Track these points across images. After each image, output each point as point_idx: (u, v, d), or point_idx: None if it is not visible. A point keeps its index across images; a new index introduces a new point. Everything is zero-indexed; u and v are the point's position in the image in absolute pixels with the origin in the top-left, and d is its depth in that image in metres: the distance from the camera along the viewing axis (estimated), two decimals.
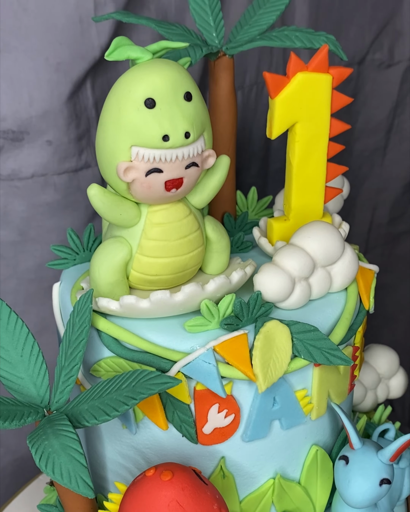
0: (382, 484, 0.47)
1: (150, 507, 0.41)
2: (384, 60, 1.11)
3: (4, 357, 0.46)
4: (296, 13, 0.93)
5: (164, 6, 0.76)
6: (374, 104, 1.14)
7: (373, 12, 1.04)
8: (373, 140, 1.19)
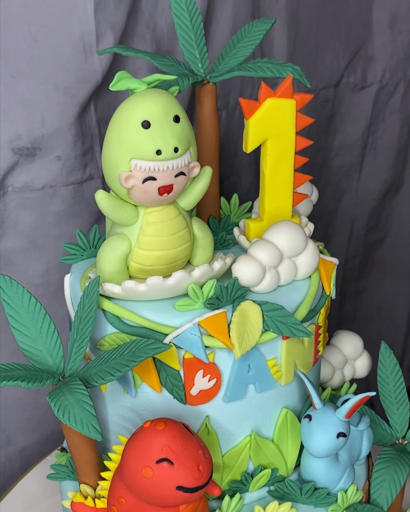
0: (339, 437, 0.56)
1: (147, 451, 0.50)
2: (358, 83, 1.18)
3: (26, 334, 0.56)
4: (275, 41, 1.01)
5: (158, 37, 0.86)
6: (350, 123, 1.22)
7: (347, 39, 1.12)
8: (350, 157, 1.26)
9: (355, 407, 0.56)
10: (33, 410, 0.98)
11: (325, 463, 0.58)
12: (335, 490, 0.60)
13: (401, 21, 1.16)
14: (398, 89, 1.20)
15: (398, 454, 0.66)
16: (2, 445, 0.98)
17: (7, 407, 0.96)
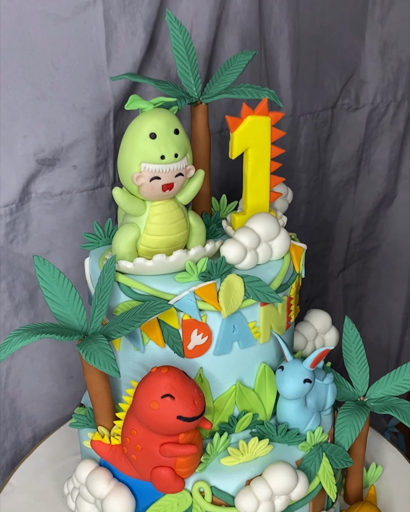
0: (305, 382, 0.70)
1: (154, 389, 0.64)
2: (352, 105, 1.31)
3: (57, 301, 0.69)
4: (279, 68, 1.15)
5: (168, 66, 0.99)
6: (345, 142, 1.36)
7: (342, 65, 1.26)
8: (347, 172, 1.38)
9: (317, 359, 0.71)
10: (55, 404, 1.08)
11: (296, 406, 0.72)
12: (304, 431, 0.74)
13: (391, 48, 1.31)
14: (389, 110, 1.34)
15: (358, 407, 0.80)
16: (29, 439, 1.07)
17: (33, 401, 1.06)
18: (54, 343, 1.03)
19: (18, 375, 1.02)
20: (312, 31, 1.18)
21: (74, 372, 1.06)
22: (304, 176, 1.29)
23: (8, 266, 0.96)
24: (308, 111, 1.23)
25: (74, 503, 0.77)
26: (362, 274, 1.54)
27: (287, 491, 0.68)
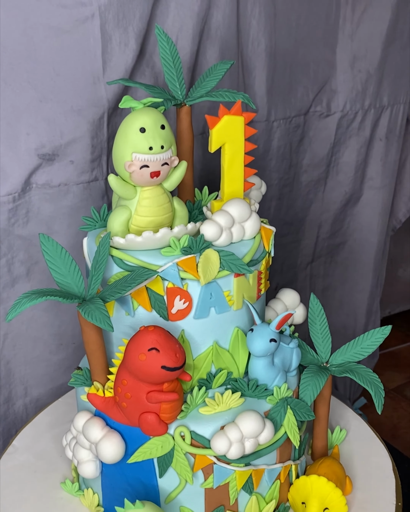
0: (271, 341, 0.82)
1: (142, 343, 0.75)
2: (323, 112, 1.42)
3: (59, 272, 0.80)
4: (256, 77, 1.26)
5: (156, 73, 1.10)
6: (316, 145, 1.47)
7: (315, 76, 1.37)
8: (317, 173, 1.49)
9: (281, 322, 0.82)
10: (46, 367, 1.21)
11: (264, 364, 0.84)
12: (271, 387, 0.85)
13: (360, 61, 1.42)
14: (357, 117, 1.46)
15: (320, 369, 0.92)
16: (20, 395, 1.21)
17: (26, 363, 1.19)
18: (48, 314, 1.16)
19: (14, 340, 1.13)
20: (287, 45, 1.30)
21: (63, 340, 1.19)
22: (275, 175, 1.41)
23: (8, 245, 1.07)
24: (281, 116, 1.35)
25: (71, 452, 0.88)
26: (329, 266, 1.65)
27: (255, 434, 0.79)
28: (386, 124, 1.50)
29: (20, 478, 0.97)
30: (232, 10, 1.16)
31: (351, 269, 1.67)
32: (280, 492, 0.90)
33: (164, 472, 0.81)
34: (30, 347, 1.17)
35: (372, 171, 1.54)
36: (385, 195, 1.59)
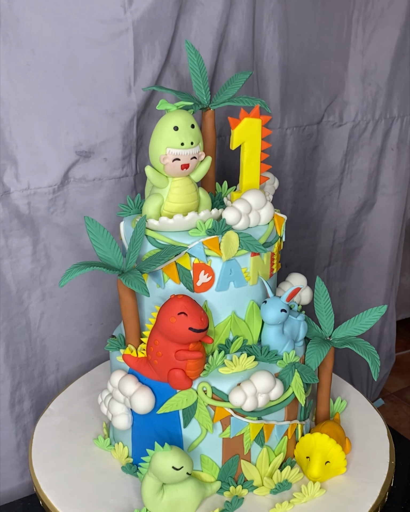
0: (281, 311, 0.95)
1: (172, 308, 0.88)
2: (336, 121, 1.52)
3: (101, 248, 0.93)
4: (270, 89, 1.37)
5: (179, 82, 1.23)
6: (330, 153, 1.56)
7: (327, 88, 1.47)
8: (332, 179, 1.58)
9: (291, 294, 0.95)
10: (76, 345, 1.33)
11: (275, 332, 0.97)
12: (281, 353, 0.98)
13: (370, 75, 1.52)
14: (368, 127, 1.56)
15: (323, 341, 1.05)
16: (52, 371, 1.33)
17: (59, 341, 1.31)
18: (79, 296, 1.29)
19: (49, 319, 1.26)
20: (300, 59, 1.42)
21: (93, 321, 1.31)
22: (290, 180, 1.53)
23: (46, 232, 1.21)
24: (294, 124, 1.47)
25: (106, 407, 1.01)
26: (346, 270, 1.74)
27: (267, 390, 0.92)
28: (397, 134, 1.59)
29: (57, 435, 1.10)
30: (248, 27, 1.29)
31: (366, 273, 1.75)
32: (287, 447, 1.02)
33: (188, 423, 0.94)
34: (63, 326, 1.30)
35: (385, 179, 1.63)
36: (398, 201, 1.67)
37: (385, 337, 1.87)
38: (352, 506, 0.97)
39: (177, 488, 0.92)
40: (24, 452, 1.28)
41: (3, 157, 1.13)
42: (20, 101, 1.11)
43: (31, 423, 1.28)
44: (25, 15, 1.07)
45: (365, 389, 1.87)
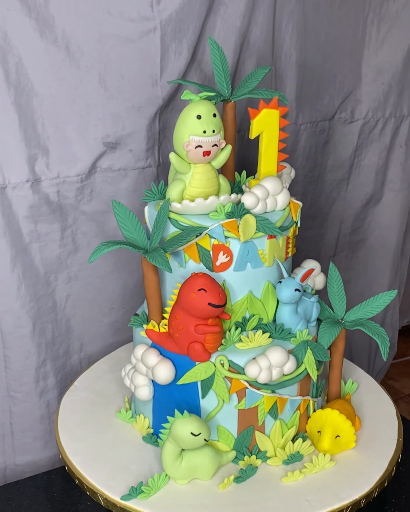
0: (295, 291, 1.01)
1: (192, 285, 0.94)
2: (347, 118, 1.58)
3: (127, 229, 1.00)
4: (287, 85, 1.43)
5: (202, 78, 1.31)
6: (340, 148, 1.61)
7: (340, 86, 1.53)
8: (340, 173, 1.64)
9: (304, 275, 1.01)
10: (99, 327, 1.40)
11: (289, 310, 1.02)
12: (294, 331, 1.04)
13: (383, 75, 1.57)
14: (378, 124, 1.61)
15: (335, 322, 1.10)
16: (76, 350, 1.40)
17: (83, 323, 1.38)
18: (103, 281, 1.36)
19: (74, 301, 1.33)
20: (316, 58, 1.48)
21: (115, 305, 1.38)
22: (301, 173, 1.58)
23: (74, 218, 1.28)
24: (308, 120, 1.54)
25: (129, 380, 1.07)
26: (350, 261, 1.79)
27: (281, 364, 0.98)
28: (406, 132, 1.65)
29: (81, 408, 1.16)
30: (268, 27, 1.36)
31: (370, 265, 1.80)
32: (300, 422, 1.08)
33: (206, 394, 1.00)
34: (87, 308, 1.37)
35: (392, 175, 1.68)
36: (404, 197, 1.72)
37: (387, 327, 1.92)
38: (361, 477, 1.02)
39: (195, 454, 0.98)
40: (46, 426, 1.35)
41: (35, 147, 1.20)
42: (53, 94, 1.18)
43: (55, 398, 1.34)
44: (61, 14, 1.14)
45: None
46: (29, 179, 1.21)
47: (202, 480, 1.00)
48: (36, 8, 1.11)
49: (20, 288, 1.25)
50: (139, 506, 0.95)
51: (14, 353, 1.28)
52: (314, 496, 0.98)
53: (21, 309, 1.26)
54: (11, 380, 1.30)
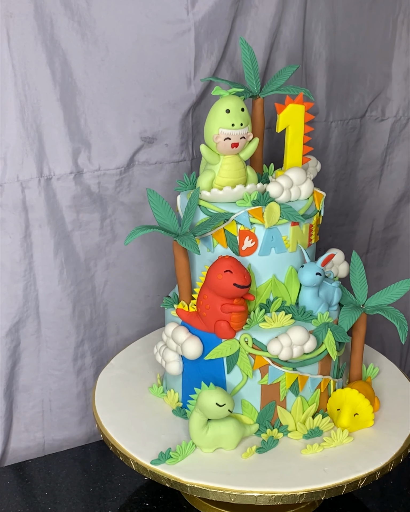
0: (317, 275, 1.07)
1: (219, 267, 1.01)
2: (378, 116, 1.62)
3: (160, 216, 1.07)
4: (318, 84, 1.50)
5: (233, 76, 1.38)
6: (372, 145, 1.66)
7: (371, 85, 1.58)
8: (372, 170, 1.67)
9: (326, 260, 1.08)
10: (135, 313, 1.49)
11: (311, 293, 1.09)
12: (315, 313, 1.10)
13: None
14: (409, 123, 1.64)
15: (355, 306, 1.16)
16: (113, 333, 1.48)
17: (119, 308, 1.46)
18: (139, 269, 1.44)
19: (112, 287, 1.42)
20: (346, 58, 1.54)
21: (150, 292, 1.46)
22: (332, 169, 1.64)
23: (113, 209, 1.36)
24: (339, 118, 1.59)
25: (160, 356, 1.15)
26: (383, 258, 1.82)
27: (302, 342, 1.04)
28: None
29: (117, 384, 1.25)
30: (298, 27, 1.42)
31: (403, 262, 1.83)
32: (320, 400, 1.14)
33: (231, 369, 1.07)
34: (124, 295, 1.45)
35: None
36: None
37: None
38: (377, 452, 1.08)
39: (220, 425, 1.05)
40: (83, 402, 1.44)
41: (78, 141, 1.29)
42: (94, 92, 1.27)
43: (91, 376, 1.43)
44: (101, 16, 1.23)
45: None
46: (72, 171, 1.30)
47: (226, 450, 1.07)
48: (79, 11, 1.20)
49: (62, 273, 1.34)
50: (168, 470, 1.03)
51: (55, 333, 1.37)
52: (331, 467, 1.04)
53: (62, 292, 1.35)
54: (52, 359, 1.39)
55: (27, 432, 1.44)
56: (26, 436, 1.44)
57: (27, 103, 1.22)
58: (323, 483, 1.01)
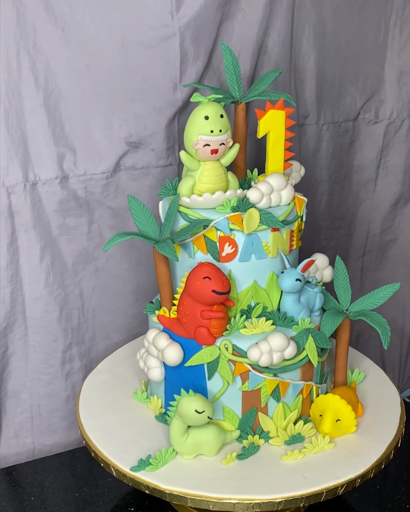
0: (296, 280, 1.07)
1: (198, 273, 1.01)
2: (372, 119, 1.61)
3: (141, 222, 1.07)
4: (307, 86, 1.49)
5: (221, 81, 1.37)
6: (366, 148, 1.66)
7: (363, 87, 1.58)
8: (367, 173, 1.67)
9: (305, 266, 1.07)
10: (125, 318, 1.48)
11: (292, 299, 1.09)
12: (296, 319, 1.10)
13: (406, 75, 1.60)
14: (403, 124, 1.64)
15: (338, 312, 1.16)
16: (102, 338, 1.49)
17: (109, 312, 1.46)
18: (128, 273, 1.44)
19: (101, 291, 1.42)
20: (336, 60, 1.53)
21: (140, 297, 1.46)
22: (325, 172, 1.63)
23: (100, 213, 1.37)
24: (330, 121, 1.59)
25: (143, 362, 1.15)
26: (380, 261, 1.81)
27: (281, 348, 1.04)
28: None
29: (102, 389, 1.25)
30: (286, 31, 1.42)
31: (401, 265, 1.82)
32: (302, 406, 1.14)
33: (212, 376, 1.07)
34: (113, 299, 1.45)
35: None
36: None
37: None
38: (358, 459, 1.07)
39: (200, 431, 1.05)
40: (72, 406, 1.44)
41: (63, 146, 1.29)
42: (79, 97, 1.27)
43: (80, 381, 1.43)
44: (85, 22, 1.23)
45: (398, 377, 1.95)
46: (58, 176, 1.30)
47: (207, 456, 1.07)
48: (63, 17, 1.21)
49: (48, 277, 1.35)
50: (147, 477, 1.03)
51: (42, 337, 1.38)
52: (311, 474, 1.04)
53: (49, 296, 1.35)
54: (40, 363, 1.40)
55: (16, 438, 1.44)
56: (16, 442, 1.44)
57: (11, 109, 1.22)
58: (302, 490, 1.01)
